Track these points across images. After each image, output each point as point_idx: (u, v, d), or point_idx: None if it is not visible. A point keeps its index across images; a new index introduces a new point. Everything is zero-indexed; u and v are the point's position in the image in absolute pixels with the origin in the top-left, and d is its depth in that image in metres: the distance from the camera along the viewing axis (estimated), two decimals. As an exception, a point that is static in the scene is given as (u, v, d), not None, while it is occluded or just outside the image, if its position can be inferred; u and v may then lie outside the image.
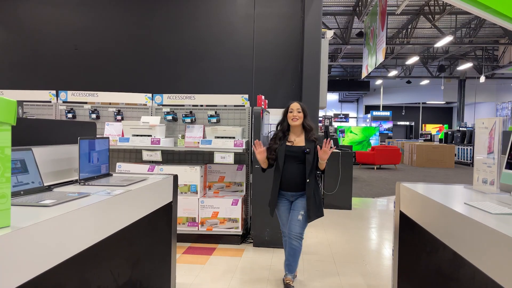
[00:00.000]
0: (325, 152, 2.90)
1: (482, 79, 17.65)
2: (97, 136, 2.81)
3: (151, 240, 2.72)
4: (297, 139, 3.06)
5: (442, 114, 29.27)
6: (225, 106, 4.85)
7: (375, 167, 14.04)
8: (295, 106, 3.07)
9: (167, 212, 2.67)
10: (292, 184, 3.01)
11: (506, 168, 1.94)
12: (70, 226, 1.47)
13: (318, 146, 2.95)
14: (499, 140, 2.13)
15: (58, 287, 2.73)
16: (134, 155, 4.83)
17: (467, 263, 1.67)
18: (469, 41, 15.73)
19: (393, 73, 21.71)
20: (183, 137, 4.53)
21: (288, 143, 3.04)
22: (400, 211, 2.61)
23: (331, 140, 2.93)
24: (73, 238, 1.50)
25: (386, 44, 16.00)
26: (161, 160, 4.41)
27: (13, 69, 6.92)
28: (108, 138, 2.44)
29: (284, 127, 3.10)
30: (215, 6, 6.72)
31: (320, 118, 17.28)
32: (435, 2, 12.78)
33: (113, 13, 6.77)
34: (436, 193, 2.28)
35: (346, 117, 27.28)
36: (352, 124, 28.01)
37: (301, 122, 3.06)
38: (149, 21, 6.70)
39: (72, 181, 2.20)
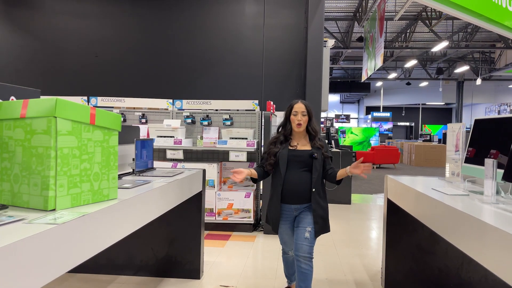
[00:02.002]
0: (359, 168, 2.50)
1: (479, 81, 18.23)
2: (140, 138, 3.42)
3: (185, 223, 3.33)
4: (300, 144, 2.64)
5: (442, 115, 29.82)
6: (238, 110, 5.45)
7: (375, 167, 14.63)
8: (299, 108, 2.60)
9: (198, 200, 3.28)
10: (296, 195, 2.57)
11: (464, 162, 2.54)
12: (145, 202, 2.08)
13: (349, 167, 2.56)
14: (463, 141, 2.73)
15: (110, 260, 3.36)
16: (157, 154, 5.43)
17: (436, 234, 2.26)
18: (465, 45, 16.30)
19: (393, 75, 22.30)
20: (201, 138, 5.14)
21: (290, 147, 2.62)
22: (388, 199, 3.21)
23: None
24: (147, 210, 2.11)
25: (386, 48, 16.63)
26: (182, 158, 5.02)
27: (38, 76, 7.54)
28: (153, 139, 3.05)
29: (287, 132, 2.65)
30: (226, 17, 7.34)
31: (322, 120, 17.85)
32: (432, 8, 13.35)
33: (130, 24, 7.39)
34: (414, 182, 2.88)
35: (347, 118, 27.87)
36: (353, 124, 28.59)
37: (306, 126, 2.64)
38: (164, 31, 7.31)
39: (129, 172, 2.80)
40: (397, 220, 3.21)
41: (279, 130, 2.73)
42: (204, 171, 3.37)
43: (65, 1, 7.56)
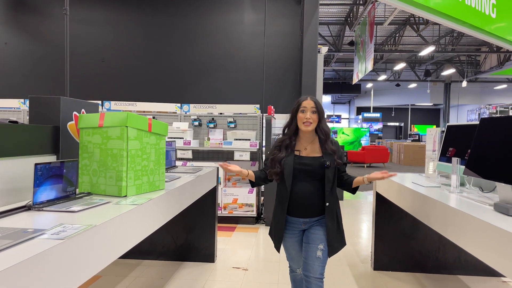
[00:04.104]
0: (377, 174, 2.20)
1: (464, 83, 18.94)
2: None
3: (201, 214, 3.83)
4: (309, 148, 2.28)
5: (430, 115, 30.66)
6: (240, 113, 5.96)
7: (365, 166, 15.25)
8: (308, 104, 2.24)
9: (212, 194, 3.78)
10: (304, 208, 2.24)
11: (439, 160, 3.08)
12: (183, 192, 2.58)
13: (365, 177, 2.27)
14: (438, 143, 3.27)
15: (136, 246, 3.84)
16: (167, 154, 5.91)
17: (416, 222, 2.79)
18: (452, 49, 16.99)
19: (382, 77, 22.99)
20: (208, 139, 5.63)
21: (296, 152, 2.26)
22: (376, 192, 3.74)
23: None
24: (184, 198, 2.60)
25: (376, 51, 17.25)
26: (191, 158, 5.51)
27: (48, 80, 7.96)
28: (175, 140, 3.54)
29: (291, 131, 2.28)
30: (227, 25, 7.83)
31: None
32: (420, 15, 13.96)
33: (137, 31, 7.85)
34: (399, 178, 3.41)
35: (338, 118, 28.54)
36: (344, 124, 29.27)
37: (315, 126, 2.26)
38: (169, 38, 7.78)
39: (157, 170, 3.29)
40: (384, 211, 3.74)
41: (285, 131, 2.32)
42: (217, 169, 3.88)
43: (74, 8, 7.97)
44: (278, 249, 2.31)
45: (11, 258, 1.02)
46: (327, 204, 2.23)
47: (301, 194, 2.21)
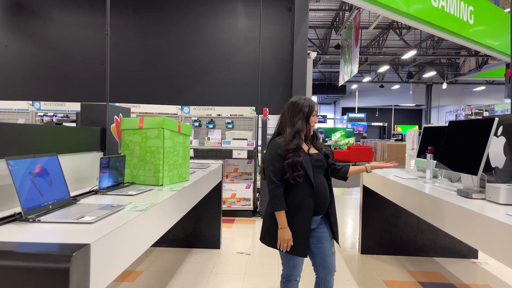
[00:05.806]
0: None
1: (444, 85, 19.75)
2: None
3: (208, 205, 4.27)
4: (306, 146, 2.33)
5: (412, 116, 31.58)
6: (237, 115, 6.41)
7: (351, 164, 15.84)
8: (316, 107, 2.37)
9: (218, 187, 4.23)
10: (324, 204, 2.28)
11: (418, 157, 3.60)
12: (203, 183, 3.02)
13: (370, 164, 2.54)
14: (417, 142, 3.79)
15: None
16: (168, 152, 6.33)
17: (399, 211, 3.29)
18: (432, 53, 17.74)
19: (367, 78, 23.70)
20: (208, 139, 6.07)
21: (306, 152, 2.28)
22: (363, 185, 4.25)
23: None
24: (204, 188, 3.05)
25: (361, 54, 17.89)
26: (193, 156, 5.95)
27: (46, 82, 8.27)
28: (186, 140, 3.98)
29: (308, 135, 2.34)
30: (223, 31, 8.26)
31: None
32: (402, 20, 14.61)
33: (134, 35, 8.22)
34: (383, 172, 3.91)
35: (323, 118, 29.23)
36: (329, 125, 29.97)
37: None
38: (167, 42, 8.18)
39: (172, 166, 3.73)
40: (370, 201, 4.25)
41: (298, 134, 2.25)
42: (222, 165, 4.33)
43: (72, 13, 8.32)
44: (306, 254, 2.23)
45: (116, 220, 1.47)
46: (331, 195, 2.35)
47: (320, 191, 2.24)
